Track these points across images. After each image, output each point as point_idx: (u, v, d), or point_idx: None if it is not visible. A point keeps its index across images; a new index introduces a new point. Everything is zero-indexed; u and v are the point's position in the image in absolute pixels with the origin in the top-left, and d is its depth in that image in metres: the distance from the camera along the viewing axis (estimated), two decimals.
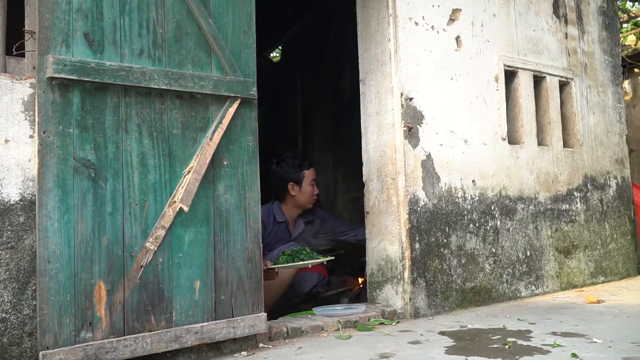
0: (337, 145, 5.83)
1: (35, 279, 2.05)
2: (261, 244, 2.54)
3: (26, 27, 2.23)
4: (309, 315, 2.96)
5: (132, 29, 2.25)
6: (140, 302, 2.19)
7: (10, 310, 2.02)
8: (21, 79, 2.11)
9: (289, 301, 3.57)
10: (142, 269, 2.20)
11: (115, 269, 2.15)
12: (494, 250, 3.46)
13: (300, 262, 3.13)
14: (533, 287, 3.66)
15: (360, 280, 3.92)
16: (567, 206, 3.98)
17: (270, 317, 2.73)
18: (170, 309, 2.26)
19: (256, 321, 2.46)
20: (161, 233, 2.25)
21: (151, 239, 2.23)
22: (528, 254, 3.65)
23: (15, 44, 2.23)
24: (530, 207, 3.71)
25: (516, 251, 3.59)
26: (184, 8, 2.37)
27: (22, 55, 2.23)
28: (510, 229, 3.58)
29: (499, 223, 3.51)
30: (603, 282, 4.17)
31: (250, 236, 2.50)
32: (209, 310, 2.35)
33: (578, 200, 4.06)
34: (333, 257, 3.35)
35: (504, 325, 2.74)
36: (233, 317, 2.41)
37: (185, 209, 2.29)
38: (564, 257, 3.89)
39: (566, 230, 3.94)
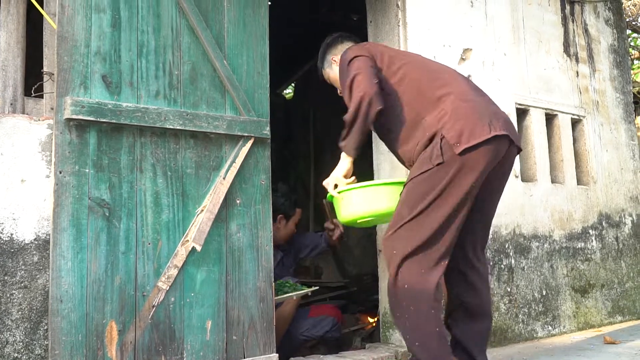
0: None
1: (47, 319, 2.05)
2: (273, 283, 2.53)
3: (45, 69, 2.28)
4: (321, 356, 2.92)
5: (149, 71, 2.29)
6: (151, 342, 2.18)
7: (22, 350, 2.02)
8: (39, 120, 2.15)
9: (302, 344, 3.52)
10: (154, 308, 2.20)
11: (127, 308, 2.15)
12: (508, 290, 3.42)
13: (284, 295, 3.12)
14: (550, 327, 3.59)
15: (372, 319, 3.87)
16: (583, 244, 3.93)
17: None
18: (182, 349, 2.24)
19: None
20: (173, 272, 2.25)
21: (163, 278, 2.23)
22: (544, 293, 3.60)
23: (33, 85, 2.28)
24: (545, 246, 3.67)
25: (532, 290, 3.54)
26: (199, 50, 2.42)
27: (41, 97, 2.27)
28: (525, 267, 3.54)
29: (513, 262, 3.47)
30: (620, 321, 4.09)
31: (262, 275, 2.49)
32: (220, 351, 2.33)
33: (593, 238, 4.01)
34: (317, 288, 3.34)
35: None
36: (244, 357, 2.38)
37: (198, 248, 2.30)
38: (580, 296, 3.83)
39: (582, 269, 3.89)
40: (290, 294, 3.14)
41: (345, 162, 2.36)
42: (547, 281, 3.64)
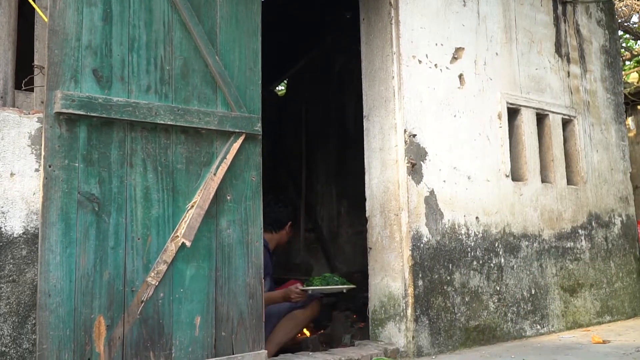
0: (341, 179, 5.85)
1: (35, 313, 2.04)
2: (262, 279, 2.53)
3: (35, 62, 2.27)
4: (310, 353, 2.93)
5: (140, 65, 2.28)
6: (139, 337, 2.17)
7: (10, 344, 2.01)
8: (29, 114, 2.14)
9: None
10: (143, 304, 2.19)
11: (116, 303, 2.14)
12: (498, 288, 3.43)
13: (335, 287, 3.25)
14: (538, 327, 3.61)
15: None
16: (572, 244, 3.96)
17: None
18: (170, 345, 2.24)
19: (256, 358, 2.43)
20: (163, 268, 2.24)
21: (152, 274, 2.22)
22: (533, 292, 3.62)
23: (24, 79, 2.27)
24: (535, 245, 3.69)
25: (521, 289, 3.56)
26: (191, 46, 2.41)
27: (31, 90, 2.26)
28: (515, 266, 3.55)
29: (503, 260, 3.49)
30: (609, 321, 4.12)
31: (252, 272, 2.49)
32: (209, 347, 2.33)
33: (583, 238, 4.04)
34: (354, 286, 3.44)
35: None
36: (233, 354, 2.38)
37: (188, 243, 2.29)
38: (569, 295, 3.85)
39: (571, 269, 3.91)
40: (340, 287, 3.29)
41: None
42: (536, 280, 3.66)
